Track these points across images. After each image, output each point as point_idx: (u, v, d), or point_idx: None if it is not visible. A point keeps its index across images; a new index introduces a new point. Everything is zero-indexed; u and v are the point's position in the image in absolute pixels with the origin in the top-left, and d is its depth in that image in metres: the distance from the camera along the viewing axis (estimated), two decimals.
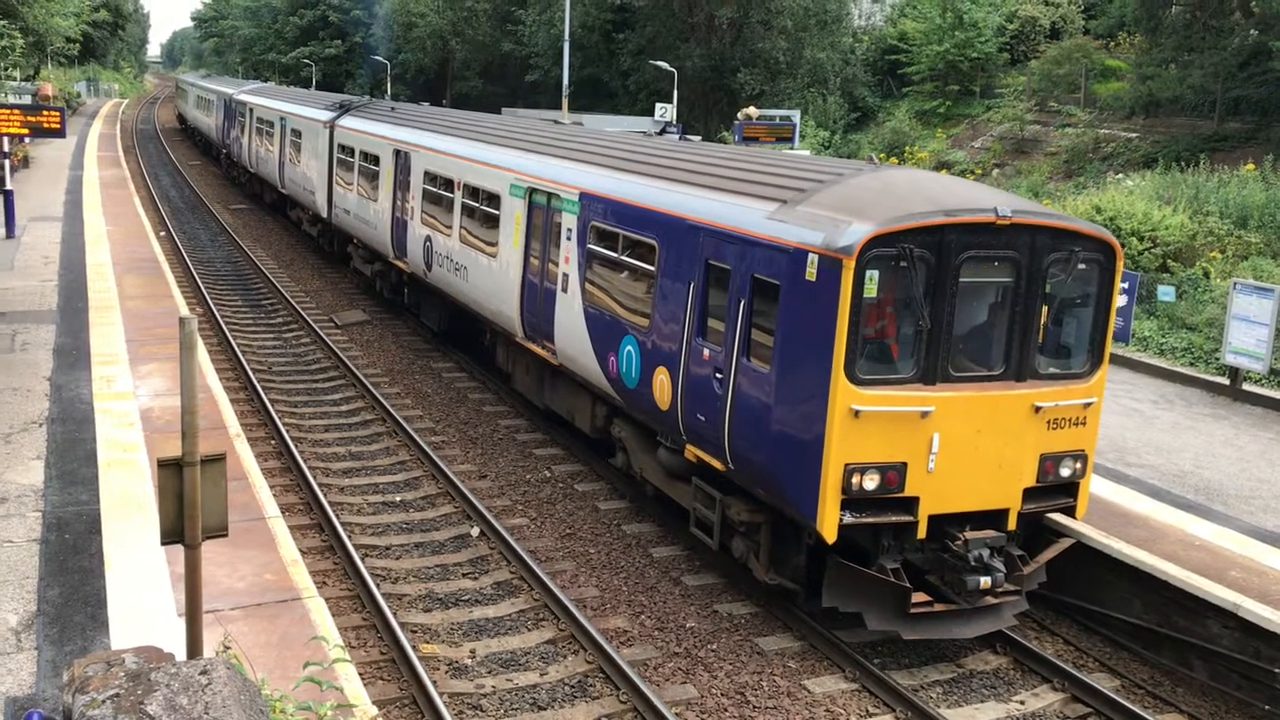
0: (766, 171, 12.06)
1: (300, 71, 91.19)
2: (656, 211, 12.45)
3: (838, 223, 9.83)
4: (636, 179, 13.47)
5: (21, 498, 11.02)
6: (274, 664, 8.02)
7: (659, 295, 12.23)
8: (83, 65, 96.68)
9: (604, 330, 13.47)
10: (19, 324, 17.90)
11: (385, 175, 22.52)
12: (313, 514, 13.28)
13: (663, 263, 12.18)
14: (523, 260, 15.82)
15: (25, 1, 26.66)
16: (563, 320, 14.51)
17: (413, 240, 20.82)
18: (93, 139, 56.36)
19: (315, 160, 28.69)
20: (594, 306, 13.77)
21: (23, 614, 8.77)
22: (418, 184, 20.63)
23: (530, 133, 18.58)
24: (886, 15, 64.17)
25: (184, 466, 6.60)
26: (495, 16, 75.14)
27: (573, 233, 14.26)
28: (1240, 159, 35.81)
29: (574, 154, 15.60)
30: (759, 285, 10.51)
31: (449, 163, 19.17)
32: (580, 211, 14.14)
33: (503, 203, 16.56)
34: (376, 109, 27.36)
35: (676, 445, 12.20)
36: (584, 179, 14.39)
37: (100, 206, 32.07)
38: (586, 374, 14.06)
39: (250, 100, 40.21)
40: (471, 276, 17.79)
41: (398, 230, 21.75)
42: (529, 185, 15.69)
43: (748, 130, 41.53)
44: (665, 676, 10.25)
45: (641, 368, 12.51)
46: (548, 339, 15.07)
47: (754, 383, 10.46)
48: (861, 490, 9.81)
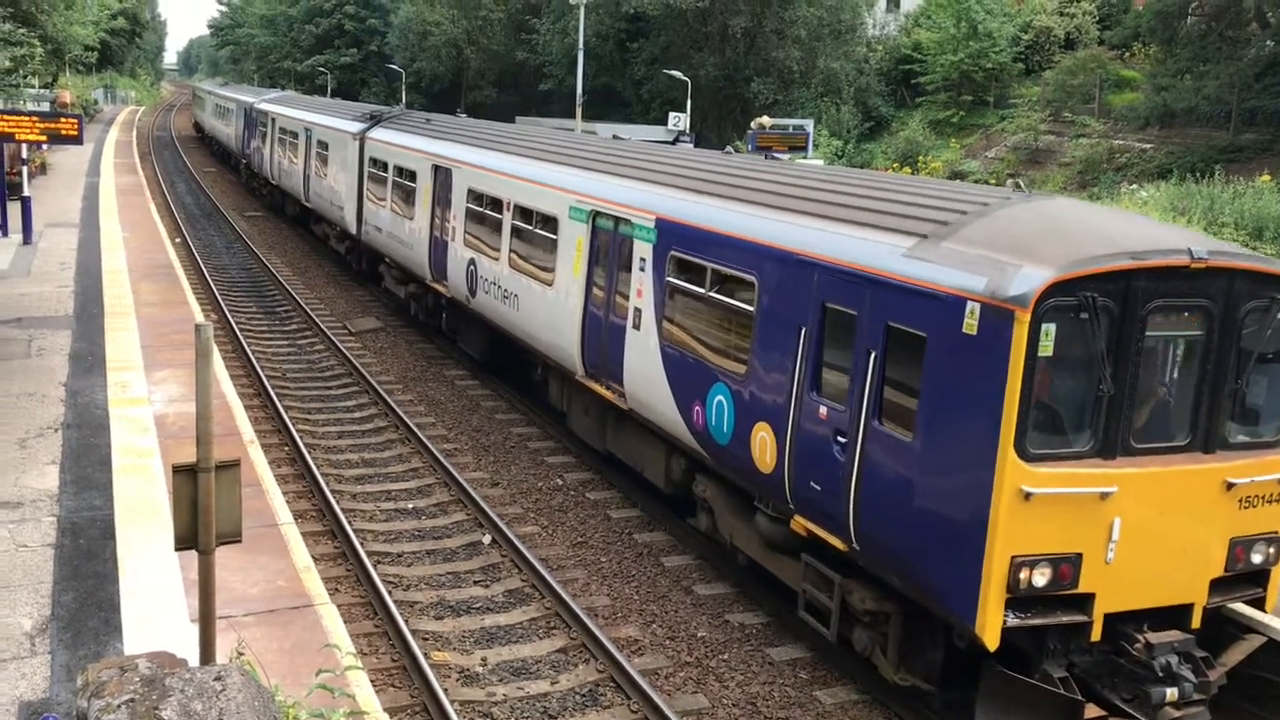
0: (890, 198, 10.59)
1: (315, 80, 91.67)
2: (756, 243, 10.93)
3: (1003, 265, 8.40)
4: (728, 204, 11.93)
5: (37, 502, 11.08)
6: (287, 670, 8.04)
7: (759, 339, 10.74)
8: (100, 73, 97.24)
9: (687, 375, 12.02)
10: (35, 329, 18.01)
11: (423, 192, 21.15)
12: (325, 520, 13.32)
13: (764, 302, 10.70)
14: (584, 290, 14.44)
15: (45, 10, 26.84)
16: (634, 360, 13.10)
17: (454, 263, 19.45)
18: (110, 146, 56.70)
19: (344, 174, 27.42)
20: (674, 346, 12.33)
21: (37, 618, 8.82)
22: (460, 203, 19.24)
23: (591, 149, 17.11)
24: (901, 25, 64.16)
25: (198, 472, 6.63)
26: (510, 25, 75.41)
27: (647, 263, 12.86)
28: (1255, 170, 35.68)
29: (647, 174, 14.10)
30: (896, 336, 9.04)
31: (497, 181, 17.72)
32: (656, 239, 12.71)
33: (561, 226, 15.17)
34: (410, 121, 25.91)
35: (780, 514, 10.66)
36: (661, 203, 12.91)
37: (116, 213, 32.25)
38: (662, 422, 12.61)
39: (272, 109, 39.00)
40: (523, 306, 16.37)
41: (436, 251, 20.44)
42: (593, 208, 14.33)
43: (761, 139, 41.56)
44: (676, 686, 10.24)
45: (736, 421, 11.02)
46: (614, 379, 13.67)
47: (890, 451, 9.01)
48: (1030, 587, 8.37)
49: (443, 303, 21.07)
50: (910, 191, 10.80)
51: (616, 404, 13.71)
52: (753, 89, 57.00)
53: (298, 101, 41.51)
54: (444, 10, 80.00)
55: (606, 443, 14.87)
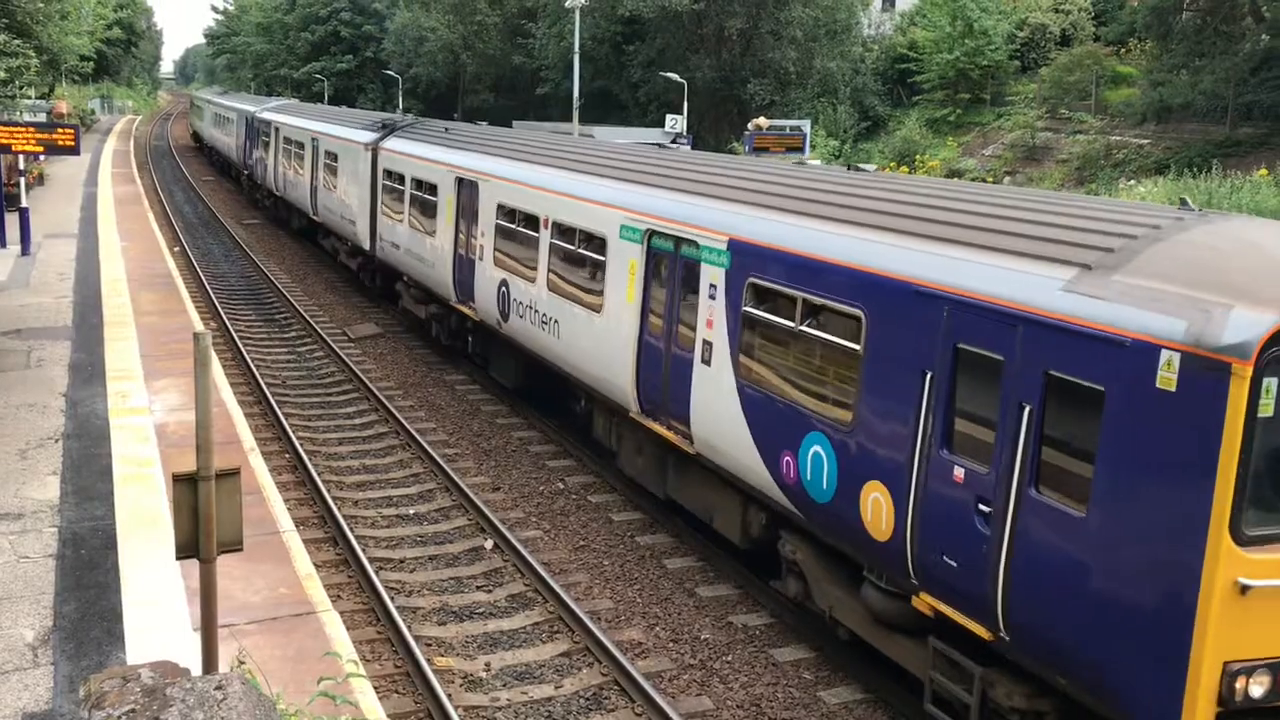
0: (1026, 218, 9.03)
1: (312, 86, 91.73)
2: (863, 271, 9.47)
3: (1207, 306, 6.96)
4: (822, 225, 10.43)
5: (38, 513, 11.07)
6: (289, 678, 8.03)
7: (869, 384, 9.30)
8: (97, 83, 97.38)
9: (773, 420, 10.57)
10: (35, 340, 18.01)
11: (445, 207, 19.71)
12: (327, 528, 13.31)
13: (875, 340, 9.24)
14: (639, 319, 13.02)
15: (40, 21, 26.86)
16: (704, 399, 11.66)
17: (483, 284, 17.99)
18: (107, 156, 56.73)
19: (355, 186, 25.86)
20: (755, 386, 10.87)
21: (39, 629, 8.81)
22: (489, 219, 17.75)
23: (643, 161, 15.41)
24: (896, 24, 64.22)
25: (199, 481, 6.63)
26: (506, 30, 75.43)
27: (718, 290, 11.38)
28: (1253, 164, 35.72)
29: (713, 188, 12.62)
30: (1059, 387, 7.62)
31: (532, 196, 16.22)
32: (731, 264, 11.22)
33: (610, 247, 13.71)
34: (427, 130, 24.35)
35: (897, 588, 9.29)
36: (736, 222, 11.41)
37: (115, 223, 32.28)
38: (740, 470, 11.17)
39: (276, 119, 37.41)
40: (565, 333, 14.94)
41: (462, 271, 19.00)
42: (648, 227, 12.89)
43: (758, 140, 41.64)
44: (680, 688, 10.22)
45: (840, 478, 9.59)
46: (677, 419, 12.28)
47: (1053, 526, 7.58)
48: (1246, 699, 7.01)
49: (469, 325, 19.65)
50: (1048, 209, 9.27)
51: (680, 446, 12.26)
52: (749, 90, 57.04)
53: (302, 110, 40.08)
54: (440, 16, 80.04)
55: (666, 488, 13.28)
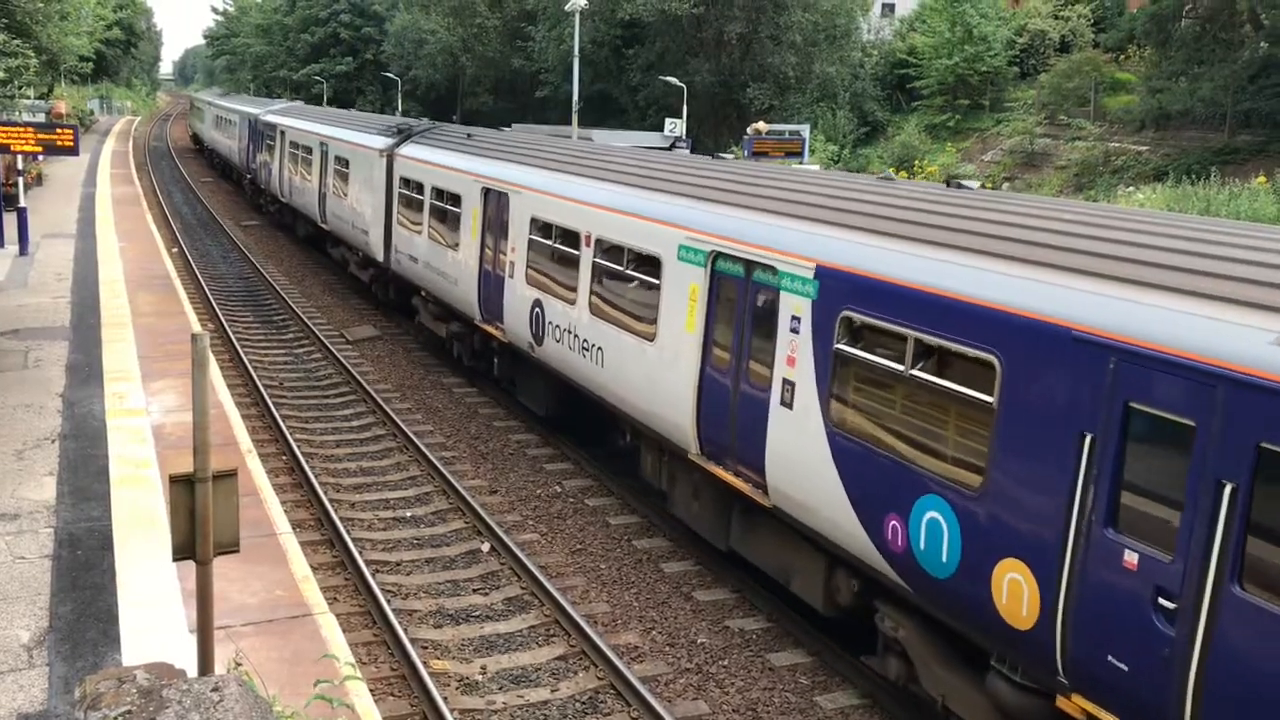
0: (1220, 251, 7.79)
1: (311, 88, 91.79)
2: (1000, 311, 8.02)
3: None
4: (942, 253, 8.93)
5: (34, 514, 11.05)
6: (285, 680, 8.02)
7: (1005, 443, 7.92)
8: (96, 83, 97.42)
9: (876, 476, 9.19)
10: (32, 340, 17.99)
11: (470, 219, 18.44)
12: (324, 530, 13.30)
13: (1014, 392, 7.87)
14: (701, 351, 11.71)
15: (39, 21, 26.87)
16: (783, 446, 10.37)
17: (513, 303, 16.68)
18: (106, 156, 56.72)
19: (368, 194, 24.51)
20: (852, 437, 9.49)
21: (35, 630, 8.79)
22: (521, 234, 16.43)
23: (705, 173, 14.05)
24: (895, 29, 64.32)
25: (196, 482, 6.62)
26: (505, 33, 75.51)
27: (802, 323, 10.08)
28: (1251, 172, 35.79)
29: (794, 206, 11.23)
30: (1276, 464, 6.33)
31: (572, 210, 14.92)
32: (818, 294, 9.91)
33: (666, 269, 12.40)
34: (446, 136, 23.00)
35: (1038, 684, 7.98)
36: (827, 246, 10.08)
37: (113, 223, 32.27)
38: (829, 529, 9.84)
39: (282, 122, 36.13)
40: (610, 362, 13.68)
41: (488, 288, 17.71)
42: (714, 249, 11.56)
43: (757, 145, 41.67)
44: (677, 693, 10.21)
45: (965, 551, 8.26)
46: (749, 466, 10.95)
47: (1265, 633, 6.34)
48: None
49: (494, 346, 18.28)
50: (1234, 241, 7.97)
51: (750, 496, 10.94)
52: (748, 94, 57.12)
53: (310, 113, 38.60)
54: (440, 18, 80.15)
55: (729, 540, 12.00)
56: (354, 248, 26.64)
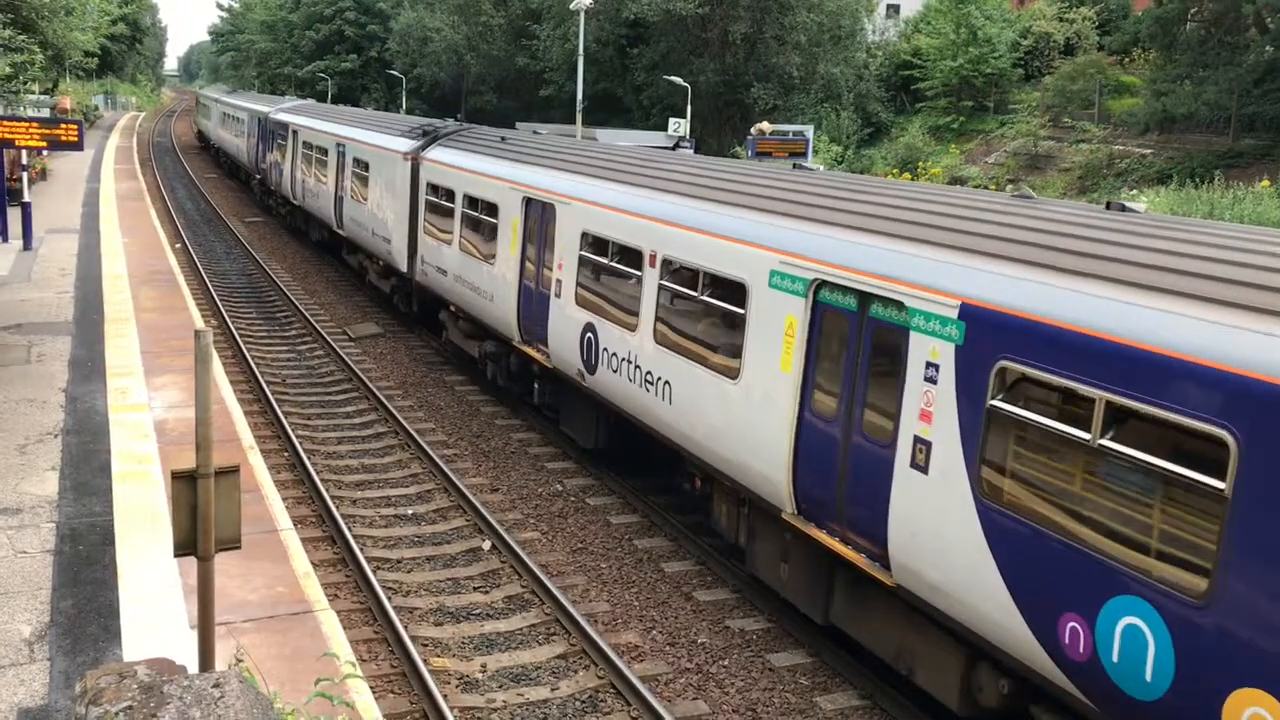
0: None
1: (316, 85, 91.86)
2: (1239, 376, 6.53)
3: None
4: (1141, 296, 7.36)
5: (36, 509, 11.06)
6: (286, 677, 8.02)
7: (1245, 541, 6.44)
8: (100, 79, 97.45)
9: (1045, 565, 7.61)
10: (35, 335, 18.00)
11: (509, 230, 17.08)
12: (325, 526, 13.30)
13: (1257, 478, 6.40)
14: (798, 393, 10.24)
15: (45, 16, 26.88)
16: (915, 515, 8.78)
17: (559, 325, 15.30)
18: (110, 152, 56.76)
19: (391, 200, 23.19)
20: (1012, 514, 7.89)
21: (36, 625, 8.80)
22: (570, 249, 15.02)
23: (801, 188, 12.18)
24: (900, 31, 64.30)
25: (198, 478, 6.62)
26: (510, 31, 75.54)
27: (942, 372, 8.55)
28: (1255, 175, 35.77)
29: (921, 229, 9.61)
30: None
31: (634, 226, 13.44)
32: (965, 338, 8.39)
33: (754, 297, 10.94)
34: (478, 139, 21.44)
35: None
36: (978, 281, 8.47)
37: (117, 219, 32.29)
38: (971, 619, 8.28)
39: (294, 121, 34.65)
40: (681, 399, 12.23)
41: (530, 306, 16.37)
42: (818, 276, 10.06)
43: (761, 145, 41.65)
44: (676, 692, 10.22)
45: (1180, 671, 6.74)
46: (864, 535, 9.47)
47: None
48: None
49: (535, 370, 16.88)
50: None
51: (866, 570, 9.44)
52: (753, 95, 57.11)
53: (324, 112, 36.96)
54: (444, 16, 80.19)
55: (830, 613, 10.51)
56: (374, 256, 25.32)
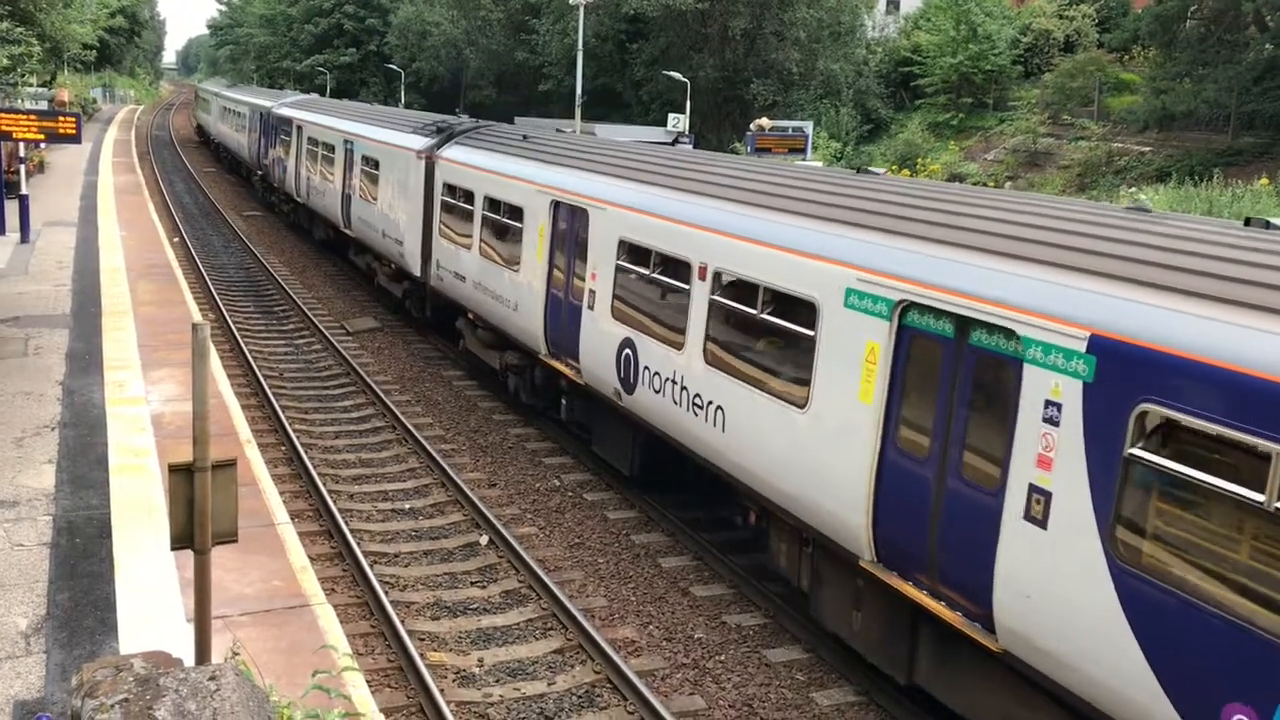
0: None
1: (314, 79, 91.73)
2: None
3: None
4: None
5: (33, 501, 11.05)
6: (282, 670, 8.02)
7: None
8: (99, 72, 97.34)
9: (1202, 645, 6.62)
10: (33, 328, 17.98)
11: (534, 235, 16.01)
12: (322, 520, 13.30)
13: None
14: (880, 427, 9.15)
15: (43, 8, 26.84)
16: (1030, 573, 7.67)
17: (593, 340, 14.22)
18: (108, 145, 56.67)
19: (403, 200, 22.08)
20: (1156, 582, 6.89)
21: (32, 617, 8.79)
22: (605, 258, 13.96)
23: (866, 193, 11.19)
24: (900, 27, 64.27)
25: (195, 472, 6.62)
26: (509, 26, 75.45)
27: (1065, 412, 7.49)
28: (1254, 173, 35.79)
29: (1033, 246, 8.51)
30: None
31: (682, 235, 12.32)
32: (1096, 375, 7.32)
33: (825, 317, 9.84)
34: (498, 137, 20.41)
35: None
36: (1109, 308, 7.42)
37: (114, 212, 32.26)
38: (1103, 698, 7.25)
39: (298, 116, 33.57)
40: (736, 426, 11.13)
41: (559, 318, 15.30)
42: (905, 298, 8.96)
43: (760, 141, 41.65)
44: (673, 687, 10.22)
45: None
46: (962, 591, 8.38)
47: None
48: None
49: (563, 386, 15.77)
50: None
51: (963, 631, 8.38)
52: (752, 90, 57.07)
53: (330, 107, 35.70)
54: (443, 10, 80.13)
55: (912, 673, 9.41)
56: (384, 258, 24.02)
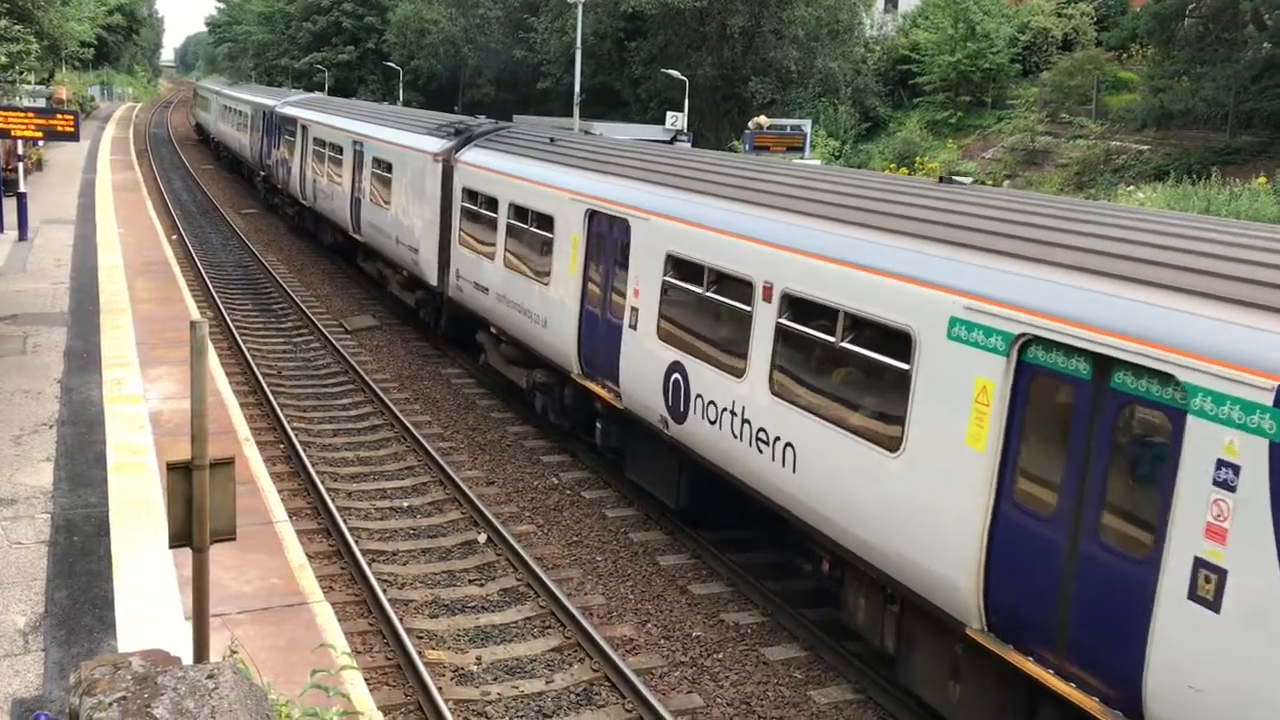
0: None
1: (313, 77, 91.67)
2: None
3: None
4: None
5: (31, 499, 11.05)
6: (280, 668, 8.03)
7: None
8: (97, 69, 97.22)
9: None
10: (30, 326, 17.97)
11: (568, 248, 14.86)
12: (320, 519, 13.30)
13: None
14: (995, 478, 8.00)
15: (41, 6, 26.81)
16: (1198, 660, 6.59)
17: (636, 362, 13.07)
18: (106, 143, 56.62)
19: (418, 206, 21.00)
20: None
21: (30, 616, 8.79)
22: (650, 273, 12.81)
23: (966, 207, 9.92)
24: (898, 25, 64.25)
25: (193, 470, 6.61)
26: (508, 24, 75.38)
27: (1244, 476, 6.41)
28: (1252, 172, 35.80)
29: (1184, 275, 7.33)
30: None
31: (740, 250, 11.16)
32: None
33: (923, 350, 8.70)
34: (522, 140, 19.17)
35: None
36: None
37: (113, 210, 32.23)
38: None
39: (304, 116, 32.62)
40: (810, 467, 10.05)
41: (595, 336, 14.19)
42: (1025, 330, 7.85)
43: (758, 139, 41.66)
44: (671, 685, 10.23)
45: None
46: (1105, 676, 7.24)
47: None
48: None
49: (598, 408, 14.70)
50: None
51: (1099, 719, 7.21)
52: (750, 88, 57.03)
53: (337, 106, 34.47)
54: (442, 8, 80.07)
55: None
56: (396, 265, 23.04)
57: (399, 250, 22.35)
